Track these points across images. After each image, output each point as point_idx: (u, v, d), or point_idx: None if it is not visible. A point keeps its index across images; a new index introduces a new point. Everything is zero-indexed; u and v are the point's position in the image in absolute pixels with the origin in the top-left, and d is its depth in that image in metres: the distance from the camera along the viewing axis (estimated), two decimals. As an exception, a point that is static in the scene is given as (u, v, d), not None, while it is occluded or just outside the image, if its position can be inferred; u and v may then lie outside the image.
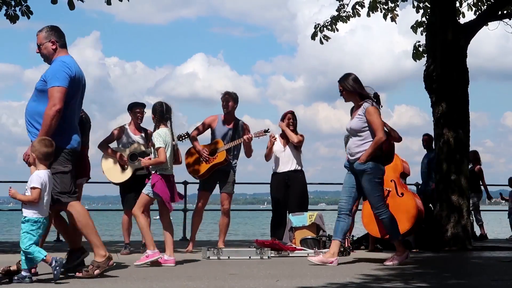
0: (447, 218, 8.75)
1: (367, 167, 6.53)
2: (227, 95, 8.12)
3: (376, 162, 6.55)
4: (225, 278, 5.35)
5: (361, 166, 6.55)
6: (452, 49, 9.03)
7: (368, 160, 6.51)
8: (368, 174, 6.54)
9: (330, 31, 11.76)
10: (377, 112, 6.57)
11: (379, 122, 6.55)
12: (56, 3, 9.00)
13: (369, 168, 6.52)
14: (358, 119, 6.62)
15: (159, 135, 6.58)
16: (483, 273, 5.90)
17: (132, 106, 8.13)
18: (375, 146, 6.50)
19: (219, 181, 8.14)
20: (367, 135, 6.58)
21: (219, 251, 7.16)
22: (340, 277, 5.32)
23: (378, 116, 6.57)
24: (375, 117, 6.54)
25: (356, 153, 6.60)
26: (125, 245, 7.85)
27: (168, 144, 6.60)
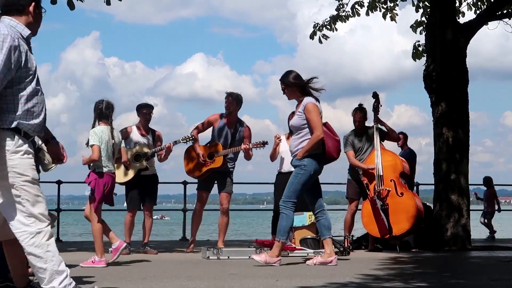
0: (446, 217, 8.75)
1: (302, 163, 6.45)
2: (229, 96, 8.10)
3: (313, 159, 6.46)
4: (224, 278, 5.35)
5: (297, 162, 6.50)
6: (452, 48, 9.03)
7: (304, 156, 6.43)
8: (300, 168, 6.46)
9: (329, 30, 11.76)
10: (315, 110, 6.45)
11: (317, 119, 6.43)
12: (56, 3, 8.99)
13: (303, 165, 6.44)
14: (298, 116, 6.55)
15: (95, 133, 6.50)
16: (483, 273, 5.90)
17: (140, 107, 8.16)
18: (312, 143, 6.41)
19: (217, 181, 8.13)
20: (306, 132, 6.49)
21: (219, 251, 7.16)
22: (340, 277, 5.32)
23: (317, 114, 6.45)
24: (313, 114, 6.43)
25: (296, 151, 6.55)
26: (126, 245, 7.85)
27: (105, 142, 6.50)
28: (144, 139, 8.03)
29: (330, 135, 6.72)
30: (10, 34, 3.66)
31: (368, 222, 8.19)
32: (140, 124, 8.14)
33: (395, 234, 8.01)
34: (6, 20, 3.80)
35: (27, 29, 3.83)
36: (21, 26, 3.80)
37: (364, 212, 8.29)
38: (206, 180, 8.12)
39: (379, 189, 8.07)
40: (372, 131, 8.42)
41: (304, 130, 6.51)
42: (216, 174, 8.04)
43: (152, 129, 8.20)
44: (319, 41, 11.84)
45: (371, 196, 8.15)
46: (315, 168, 6.50)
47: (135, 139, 8.00)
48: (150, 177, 8.05)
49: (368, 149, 8.44)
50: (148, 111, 8.13)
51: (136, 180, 7.88)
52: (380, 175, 8.10)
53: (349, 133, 8.59)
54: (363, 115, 8.55)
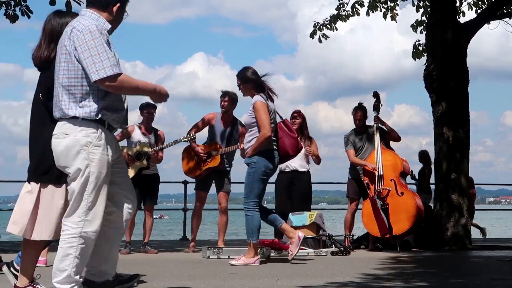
0: (447, 217, 8.75)
1: (251, 161, 6.44)
2: (225, 95, 8.10)
3: (262, 156, 6.43)
4: (225, 277, 5.34)
5: (247, 160, 6.50)
6: (452, 48, 9.02)
7: (253, 154, 6.42)
8: (251, 167, 6.45)
9: (329, 30, 11.76)
10: (263, 108, 6.40)
11: (264, 117, 6.38)
12: (55, 4, 9.00)
13: (253, 162, 6.42)
14: (248, 114, 6.53)
15: None
16: (483, 272, 5.89)
17: (142, 107, 8.17)
18: (259, 142, 6.37)
19: (215, 181, 8.12)
20: (256, 130, 6.47)
21: (219, 250, 7.15)
22: (340, 277, 5.32)
23: (264, 112, 6.40)
24: (261, 112, 6.39)
25: (246, 148, 6.56)
26: (126, 244, 7.85)
27: None
28: (146, 138, 8.03)
29: (287, 133, 6.70)
30: (98, 27, 3.66)
31: (368, 221, 8.19)
32: (143, 124, 8.15)
33: (395, 234, 8.01)
34: (87, 13, 3.81)
35: (108, 23, 3.81)
36: (103, 20, 3.79)
37: (364, 211, 8.29)
38: (204, 180, 8.12)
39: (379, 188, 8.07)
40: (372, 130, 8.43)
41: (254, 128, 6.49)
42: (214, 174, 8.04)
43: (154, 129, 8.21)
44: (319, 41, 11.84)
45: (372, 196, 8.15)
46: (266, 164, 6.44)
47: (137, 138, 8.00)
48: (152, 176, 8.05)
49: (369, 148, 8.44)
50: (150, 111, 8.14)
51: (137, 179, 7.87)
52: (381, 175, 8.10)
53: (350, 132, 8.60)
54: (363, 113, 8.55)
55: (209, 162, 7.96)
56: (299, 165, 8.42)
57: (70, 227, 3.65)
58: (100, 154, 3.67)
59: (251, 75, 6.59)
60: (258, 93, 6.54)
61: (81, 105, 3.65)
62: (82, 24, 3.66)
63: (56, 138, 3.71)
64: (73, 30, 3.65)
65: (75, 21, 3.73)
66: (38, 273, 4.09)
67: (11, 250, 8.44)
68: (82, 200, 3.65)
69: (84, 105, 3.66)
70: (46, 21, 4.10)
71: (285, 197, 8.48)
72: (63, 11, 4.20)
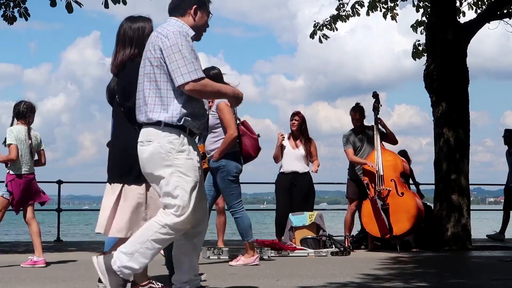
0: (447, 217, 8.74)
1: (220, 164, 6.38)
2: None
3: (230, 159, 6.38)
4: (225, 277, 5.34)
5: (214, 163, 6.42)
6: (452, 48, 9.02)
7: (221, 157, 6.36)
8: (221, 171, 6.39)
9: (329, 30, 11.77)
10: (227, 108, 6.33)
11: (230, 118, 6.34)
12: (55, 5, 8.99)
13: (222, 165, 6.37)
14: (212, 115, 6.45)
15: (11, 131, 6.40)
16: (484, 273, 5.89)
17: None
18: (226, 143, 6.32)
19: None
20: (220, 132, 6.42)
21: (219, 250, 7.15)
22: (340, 277, 5.32)
23: (229, 112, 6.35)
24: (226, 113, 6.33)
25: (211, 151, 6.47)
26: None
27: (21, 141, 6.41)
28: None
29: (248, 134, 6.69)
30: (182, 33, 3.73)
31: (368, 222, 8.18)
32: None
33: (396, 234, 8.00)
34: (172, 20, 3.90)
35: (192, 30, 3.88)
36: (186, 26, 3.86)
37: (363, 212, 8.29)
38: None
39: (379, 188, 8.07)
40: (371, 130, 8.43)
41: (218, 129, 6.44)
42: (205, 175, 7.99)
43: None
44: (319, 41, 11.84)
45: (372, 196, 8.14)
46: (235, 165, 6.42)
47: None
48: None
49: (367, 148, 8.44)
50: None
51: None
52: (381, 175, 8.10)
53: (349, 132, 8.60)
54: (361, 114, 8.55)
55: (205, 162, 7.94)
56: (300, 166, 8.40)
57: (159, 215, 3.70)
58: (185, 159, 3.71)
59: (216, 76, 6.45)
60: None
61: (165, 110, 3.71)
62: (167, 29, 3.74)
63: (141, 146, 3.78)
64: (159, 35, 3.74)
65: (160, 27, 3.82)
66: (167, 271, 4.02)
67: (12, 251, 8.44)
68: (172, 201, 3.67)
69: (168, 110, 3.71)
70: (119, 27, 4.23)
71: (286, 198, 8.47)
72: (135, 16, 4.30)
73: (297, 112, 8.58)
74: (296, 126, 8.45)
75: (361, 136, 8.50)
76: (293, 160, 8.39)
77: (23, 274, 5.63)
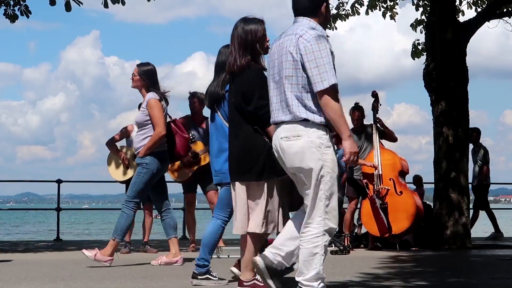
0: (446, 216, 8.74)
1: (143, 161, 6.31)
2: (194, 96, 8.06)
3: (155, 157, 6.31)
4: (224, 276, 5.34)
5: (139, 160, 6.37)
6: (452, 47, 9.01)
7: (146, 154, 6.29)
8: (142, 167, 6.31)
9: (329, 29, 11.75)
10: (157, 105, 6.29)
11: (159, 115, 6.28)
12: (55, 4, 9.00)
13: (145, 163, 6.30)
14: (141, 112, 6.42)
15: None
16: (483, 271, 5.89)
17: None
18: (153, 140, 6.25)
19: (200, 181, 8.04)
20: (150, 128, 6.35)
21: (219, 249, 7.15)
22: (340, 276, 5.32)
23: (159, 110, 6.29)
24: (155, 110, 6.27)
25: (139, 148, 6.41)
26: (125, 244, 7.84)
27: None
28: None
29: (178, 133, 6.63)
30: (322, 36, 3.84)
31: (368, 221, 8.19)
32: None
33: (395, 233, 8.00)
34: (305, 20, 3.96)
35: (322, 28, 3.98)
36: (319, 26, 3.95)
37: (363, 211, 8.29)
38: (190, 182, 8.07)
39: (378, 188, 8.07)
40: (370, 129, 8.43)
41: (147, 126, 6.38)
42: (198, 174, 7.98)
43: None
44: (319, 40, 11.82)
45: (371, 195, 8.14)
46: (158, 166, 6.34)
47: None
48: None
49: (368, 148, 8.44)
50: None
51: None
52: (380, 174, 8.09)
53: (349, 132, 8.58)
54: (361, 113, 8.56)
55: (198, 162, 7.93)
56: None
57: (312, 227, 3.81)
58: (332, 154, 3.82)
59: (146, 72, 6.44)
60: (151, 91, 6.40)
61: (310, 109, 3.80)
62: (308, 33, 3.82)
63: (287, 141, 3.85)
64: (300, 38, 3.81)
65: (299, 29, 3.87)
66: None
67: (10, 250, 8.44)
68: (318, 199, 3.80)
69: (313, 109, 3.80)
70: (234, 28, 4.41)
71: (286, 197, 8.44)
72: (249, 18, 4.47)
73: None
74: None
75: (361, 135, 8.50)
76: None
77: (22, 273, 5.63)
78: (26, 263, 6.57)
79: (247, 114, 4.26)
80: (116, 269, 5.96)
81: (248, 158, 4.21)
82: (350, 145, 3.81)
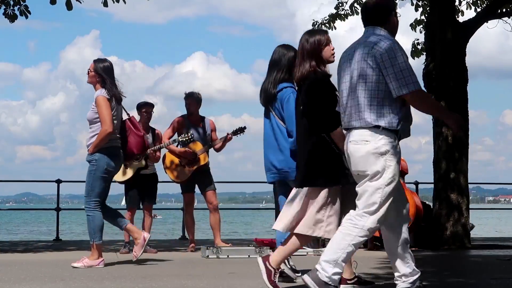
0: (446, 216, 8.74)
1: (92, 159, 6.28)
2: (188, 98, 8.05)
3: (104, 154, 6.25)
4: (224, 277, 5.35)
5: (88, 157, 6.32)
6: (451, 47, 9.02)
7: (95, 151, 6.25)
8: (92, 165, 6.28)
9: (328, 29, 11.76)
10: (105, 103, 6.23)
11: (106, 113, 6.21)
12: (55, 3, 9.00)
13: (94, 160, 6.27)
14: (91, 109, 6.34)
15: None
16: (483, 272, 5.90)
17: (140, 106, 8.14)
18: (100, 138, 6.20)
19: (198, 182, 8.05)
20: (99, 126, 6.29)
21: (218, 250, 7.16)
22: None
23: (106, 107, 6.23)
24: (103, 108, 6.22)
25: (88, 145, 6.37)
26: (125, 244, 7.84)
27: None
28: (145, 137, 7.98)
29: (133, 131, 6.61)
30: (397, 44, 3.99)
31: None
32: (141, 123, 8.11)
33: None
34: (377, 30, 4.12)
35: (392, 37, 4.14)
36: (389, 35, 4.10)
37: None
38: (188, 182, 8.07)
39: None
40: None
41: (96, 124, 6.32)
42: (196, 174, 7.98)
43: (152, 128, 8.18)
44: (318, 40, 11.82)
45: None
46: (108, 162, 6.28)
47: None
48: (150, 176, 8.02)
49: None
50: (148, 110, 8.12)
51: (135, 179, 7.86)
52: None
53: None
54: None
55: (198, 161, 7.94)
56: None
57: (354, 217, 4.00)
58: (395, 162, 4.02)
59: (102, 69, 6.38)
60: (103, 87, 6.35)
61: (382, 116, 3.96)
62: (383, 42, 3.97)
63: (355, 144, 4.03)
64: (375, 47, 3.97)
65: (373, 38, 4.03)
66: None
67: (10, 250, 8.44)
68: (371, 200, 3.97)
69: (385, 116, 3.96)
70: (299, 42, 4.58)
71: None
72: (314, 30, 4.84)
73: None
74: None
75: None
76: None
77: (22, 273, 5.63)
78: (26, 263, 6.57)
79: (314, 122, 4.39)
80: (116, 269, 5.96)
81: (315, 165, 4.36)
82: (453, 120, 4.07)
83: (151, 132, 8.11)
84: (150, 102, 8.25)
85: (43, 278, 5.30)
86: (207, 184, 8.04)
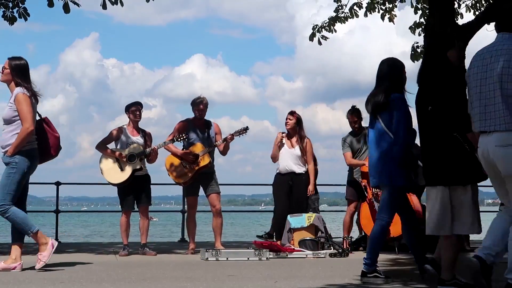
0: (445, 219, 8.72)
1: (12, 161, 5.96)
2: (201, 103, 8.08)
3: (25, 156, 5.99)
4: (223, 279, 5.35)
5: (7, 159, 5.99)
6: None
7: (15, 153, 5.95)
8: (11, 167, 5.95)
9: (328, 32, 11.77)
10: (26, 100, 5.99)
11: (27, 111, 5.96)
12: (53, 6, 9.01)
13: (15, 162, 5.95)
14: (9, 108, 6.06)
15: None
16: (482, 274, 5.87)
17: (129, 106, 8.09)
18: (21, 137, 5.93)
19: (202, 184, 8.05)
20: (18, 125, 6.01)
21: (218, 252, 7.15)
22: (339, 279, 5.32)
23: (27, 105, 5.98)
24: (24, 105, 5.96)
25: (6, 146, 6.03)
26: (124, 246, 7.84)
27: None
28: (136, 139, 7.98)
29: (49, 132, 6.38)
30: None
31: (367, 224, 8.18)
32: (131, 125, 8.08)
33: (394, 236, 8.00)
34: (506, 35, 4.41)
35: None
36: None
37: (362, 214, 8.29)
38: (192, 184, 8.08)
39: (376, 190, 8.06)
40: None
41: (15, 122, 6.08)
42: (200, 176, 7.99)
43: (142, 129, 8.15)
44: (318, 43, 11.83)
45: (369, 198, 8.15)
46: (28, 165, 6.05)
47: (129, 139, 7.95)
48: (143, 177, 8.00)
49: (367, 150, 8.42)
50: (137, 108, 8.03)
51: (130, 180, 7.84)
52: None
53: (347, 135, 8.59)
54: (358, 116, 8.55)
55: (199, 163, 7.94)
56: (296, 167, 8.41)
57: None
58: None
59: (14, 67, 6.17)
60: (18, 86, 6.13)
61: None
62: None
63: (505, 149, 4.23)
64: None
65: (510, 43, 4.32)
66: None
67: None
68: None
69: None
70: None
71: (284, 199, 8.46)
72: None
73: (292, 112, 8.59)
74: (291, 125, 8.46)
75: (360, 138, 8.50)
76: (289, 160, 8.40)
77: (21, 276, 5.63)
78: (25, 265, 6.56)
79: (444, 121, 4.62)
80: (115, 272, 5.96)
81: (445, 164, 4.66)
82: None
83: (141, 133, 8.06)
84: (138, 101, 8.20)
85: (42, 281, 5.30)
86: (210, 187, 8.04)
